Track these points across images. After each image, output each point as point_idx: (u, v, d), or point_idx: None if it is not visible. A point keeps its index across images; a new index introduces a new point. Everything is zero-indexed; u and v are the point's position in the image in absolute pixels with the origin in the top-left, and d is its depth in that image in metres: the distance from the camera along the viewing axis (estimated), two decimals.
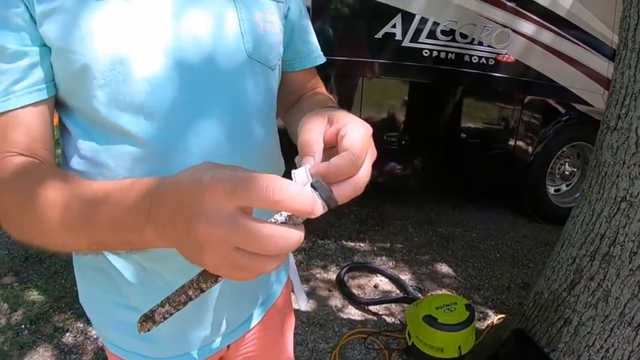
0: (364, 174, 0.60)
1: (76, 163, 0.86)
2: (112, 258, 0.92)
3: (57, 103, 0.84)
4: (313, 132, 0.63)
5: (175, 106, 0.82)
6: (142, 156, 0.82)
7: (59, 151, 0.88)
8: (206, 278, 0.56)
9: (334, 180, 0.58)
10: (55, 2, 0.75)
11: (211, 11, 0.85)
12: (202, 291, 0.57)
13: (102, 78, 0.78)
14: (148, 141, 0.82)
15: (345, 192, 0.58)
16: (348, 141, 0.60)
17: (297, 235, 0.51)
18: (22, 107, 0.77)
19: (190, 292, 0.57)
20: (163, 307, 0.59)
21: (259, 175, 0.50)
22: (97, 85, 0.78)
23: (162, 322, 0.60)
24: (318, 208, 0.52)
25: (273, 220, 0.52)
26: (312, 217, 0.53)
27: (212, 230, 0.49)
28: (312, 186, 0.54)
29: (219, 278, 0.56)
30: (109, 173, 0.83)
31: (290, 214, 0.53)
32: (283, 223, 0.52)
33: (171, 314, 0.59)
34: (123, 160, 0.82)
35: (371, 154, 0.63)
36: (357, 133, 0.61)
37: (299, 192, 0.50)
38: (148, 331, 0.60)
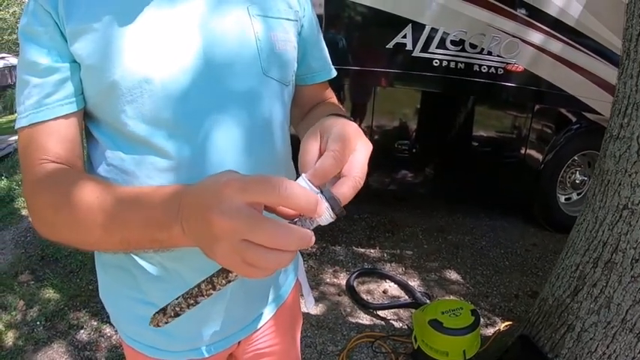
0: (359, 168, 0.65)
1: (102, 170, 0.91)
2: (136, 259, 0.97)
3: (85, 114, 0.90)
4: (306, 153, 0.67)
5: (198, 121, 0.87)
6: (167, 166, 0.88)
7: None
8: (219, 274, 0.61)
9: (326, 179, 0.62)
10: (84, 23, 0.81)
11: (230, 32, 0.90)
12: (214, 287, 0.62)
13: (129, 94, 0.83)
14: (173, 153, 0.87)
15: (345, 190, 0.62)
16: (329, 141, 0.65)
17: (301, 232, 0.56)
18: (53, 119, 0.83)
19: (203, 286, 0.62)
20: (177, 300, 0.64)
21: (270, 176, 0.56)
22: (124, 100, 0.84)
23: (172, 316, 0.65)
24: (321, 207, 0.57)
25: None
26: (317, 218, 0.58)
27: (224, 221, 0.55)
28: (322, 194, 0.59)
29: (230, 275, 0.60)
30: (135, 181, 0.88)
31: (298, 218, 0.59)
32: (292, 224, 0.57)
33: (181, 308, 0.64)
34: (148, 169, 0.88)
35: (364, 148, 0.67)
36: (337, 132, 0.66)
37: (304, 191, 0.56)
38: (157, 325, 0.66)
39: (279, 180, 0.55)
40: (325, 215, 0.59)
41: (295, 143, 1.09)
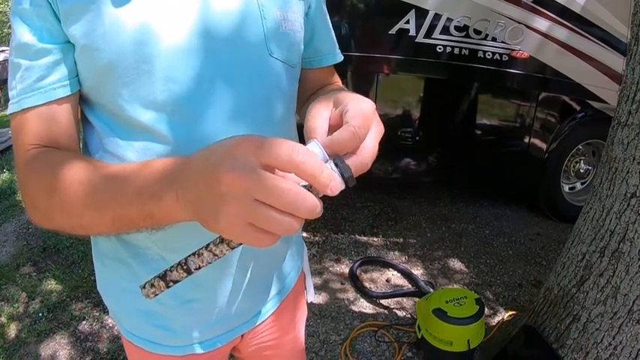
0: (370, 149, 0.62)
1: (99, 157, 0.87)
2: (135, 251, 0.94)
3: (80, 98, 0.86)
4: (317, 118, 0.65)
5: (198, 104, 0.83)
6: (166, 152, 0.83)
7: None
8: (217, 240, 0.59)
9: (340, 152, 0.60)
10: (79, 2, 0.77)
11: (234, 10, 0.85)
12: (210, 249, 0.59)
13: (126, 76, 0.79)
14: (172, 138, 0.83)
15: (353, 167, 0.59)
16: (348, 115, 0.62)
17: (314, 200, 0.53)
18: (46, 103, 0.80)
19: (201, 250, 0.60)
20: (172, 265, 0.62)
21: (286, 140, 0.53)
22: (121, 83, 0.80)
23: (160, 277, 0.62)
24: (335, 184, 0.54)
25: None
26: (329, 193, 0.55)
27: (237, 178, 0.52)
28: (335, 164, 0.57)
29: (232, 243, 0.58)
30: None
31: (309, 185, 0.55)
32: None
33: (175, 267, 0.61)
34: (146, 156, 0.84)
35: (377, 130, 0.65)
36: (357, 108, 0.63)
37: (320, 163, 0.54)
38: (147, 285, 0.64)
39: (296, 145, 0.52)
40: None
41: (299, 129, 1.06)
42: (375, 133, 0.64)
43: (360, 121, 0.61)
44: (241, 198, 0.52)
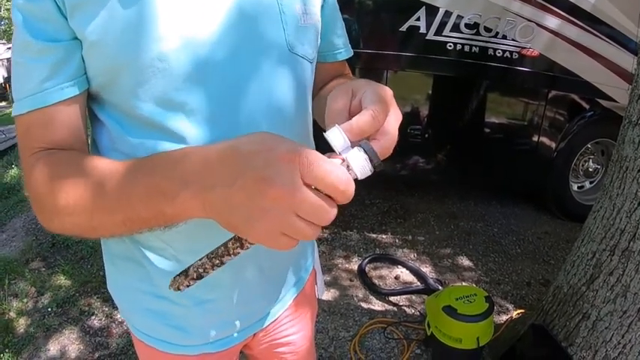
0: (390, 134, 0.64)
1: (110, 157, 0.82)
2: (148, 251, 0.92)
3: (89, 96, 0.82)
4: (337, 105, 0.66)
5: (216, 103, 0.80)
6: None
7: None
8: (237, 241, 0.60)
9: (360, 136, 0.61)
10: None
11: (252, 4, 0.83)
12: (242, 246, 0.60)
13: (140, 74, 0.76)
14: (188, 138, 0.80)
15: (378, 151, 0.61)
16: (367, 100, 0.63)
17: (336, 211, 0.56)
18: (53, 104, 0.75)
19: (230, 244, 0.61)
20: (200, 261, 0.63)
21: (334, 166, 0.55)
22: (135, 81, 0.76)
23: (195, 278, 0.64)
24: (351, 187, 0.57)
25: None
26: (355, 170, 0.59)
27: (285, 195, 0.53)
28: (363, 150, 0.59)
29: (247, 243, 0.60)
30: None
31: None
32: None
33: (205, 269, 0.63)
34: None
35: (395, 115, 0.66)
36: (375, 93, 0.64)
37: (352, 187, 0.56)
38: (178, 288, 0.64)
39: (343, 175, 0.55)
40: (364, 169, 0.59)
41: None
42: (393, 118, 0.65)
43: (378, 105, 0.63)
44: (284, 213, 0.54)
